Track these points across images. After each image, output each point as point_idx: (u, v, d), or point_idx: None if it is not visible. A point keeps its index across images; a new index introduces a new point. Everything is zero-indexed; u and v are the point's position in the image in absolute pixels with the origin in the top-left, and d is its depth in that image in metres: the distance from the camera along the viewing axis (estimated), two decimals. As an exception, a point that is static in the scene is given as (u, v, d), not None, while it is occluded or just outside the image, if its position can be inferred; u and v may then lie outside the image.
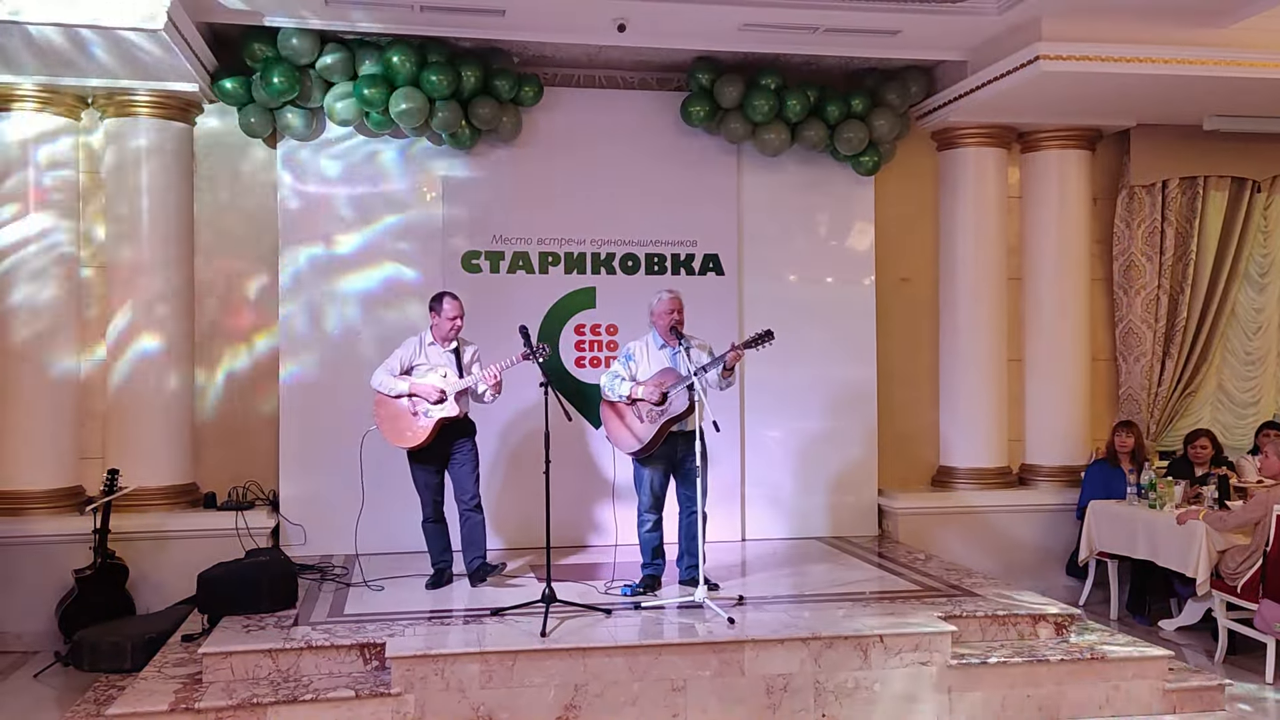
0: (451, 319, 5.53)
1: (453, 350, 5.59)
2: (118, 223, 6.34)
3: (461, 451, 5.62)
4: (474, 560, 5.63)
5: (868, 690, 4.70)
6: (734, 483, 7.06)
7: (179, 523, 6.23)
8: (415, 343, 5.66)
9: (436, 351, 5.59)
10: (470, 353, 5.64)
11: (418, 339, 5.68)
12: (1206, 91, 6.47)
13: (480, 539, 5.65)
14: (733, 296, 7.07)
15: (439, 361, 5.56)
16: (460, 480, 5.63)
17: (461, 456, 5.62)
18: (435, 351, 5.60)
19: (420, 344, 5.64)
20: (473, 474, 5.63)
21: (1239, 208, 7.59)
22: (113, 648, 5.26)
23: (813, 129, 6.87)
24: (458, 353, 5.60)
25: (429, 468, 5.63)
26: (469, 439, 5.66)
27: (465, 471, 5.62)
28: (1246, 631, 5.49)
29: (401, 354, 5.62)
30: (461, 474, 5.62)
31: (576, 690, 4.53)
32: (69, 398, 6.32)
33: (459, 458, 5.62)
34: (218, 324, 6.73)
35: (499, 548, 6.58)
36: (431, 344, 5.62)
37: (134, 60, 5.72)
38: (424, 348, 5.62)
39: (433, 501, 5.67)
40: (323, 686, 4.45)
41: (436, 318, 5.57)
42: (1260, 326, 7.75)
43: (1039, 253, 7.42)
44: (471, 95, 6.45)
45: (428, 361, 5.58)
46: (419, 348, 5.62)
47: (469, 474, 5.62)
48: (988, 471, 7.33)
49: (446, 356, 5.58)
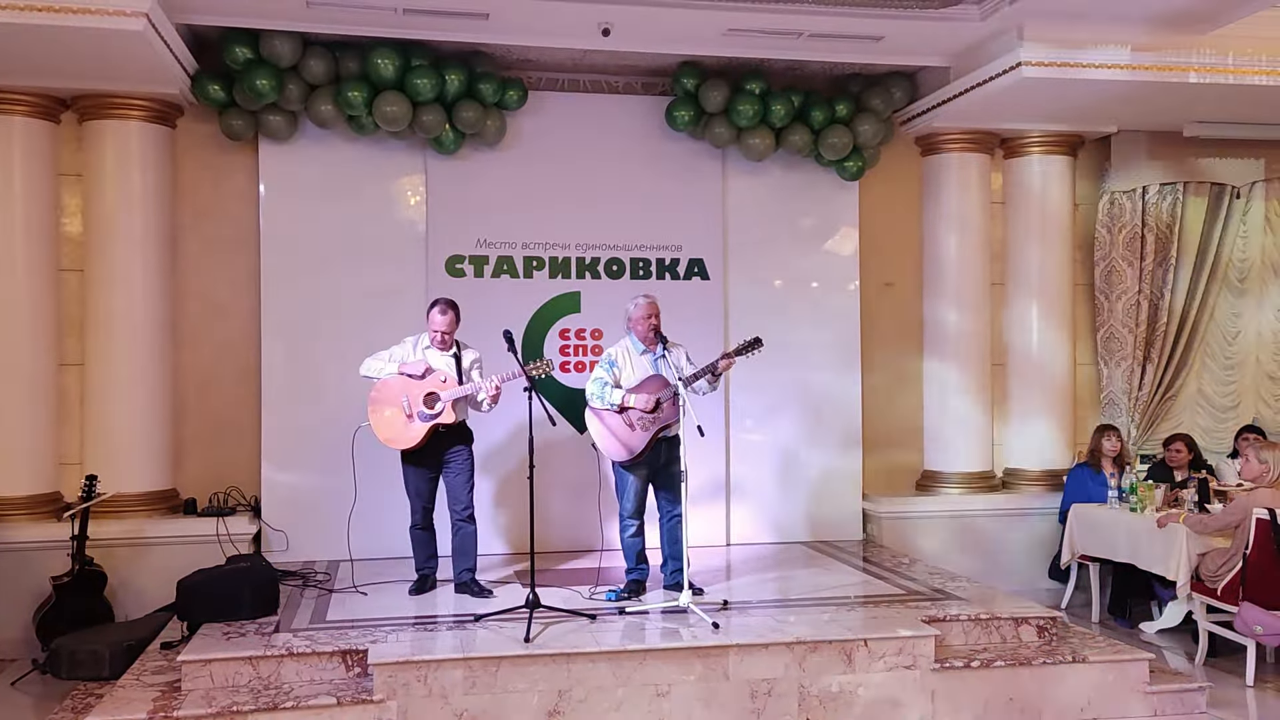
0: (435, 330, 5.45)
1: (452, 355, 5.50)
2: (97, 226, 6.28)
3: (457, 460, 5.52)
4: (463, 572, 5.55)
5: (851, 694, 4.70)
6: (719, 487, 7.06)
7: (158, 529, 6.17)
8: (412, 342, 5.56)
9: (435, 355, 5.49)
10: (470, 358, 5.54)
11: (414, 340, 5.57)
12: (1187, 98, 6.53)
13: (471, 550, 5.56)
14: (718, 301, 7.07)
15: (438, 365, 5.47)
16: (454, 489, 5.54)
17: (457, 465, 5.52)
18: (434, 355, 5.50)
19: (416, 345, 5.54)
20: (467, 483, 5.55)
21: (1218, 213, 7.66)
22: (91, 655, 5.19)
23: (797, 134, 6.89)
24: (457, 357, 5.50)
25: (422, 472, 5.54)
26: (465, 447, 5.56)
27: (460, 481, 5.53)
28: (1227, 634, 5.52)
29: (397, 351, 5.52)
30: (456, 483, 5.53)
31: (560, 696, 4.51)
32: (47, 403, 6.25)
33: (454, 466, 5.52)
34: (198, 328, 6.67)
35: (505, 552, 6.55)
36: (428, 347, 5.52)
37: (114, 62, 5.68)
38: (420, 350, 5.52)
39: (422, 508, 5.59)
40: (304, 694, 4.41)
41: (428, 323, 5.51)
42: (1239, 331, 7.82)
43: (1022, 257, 7.47)
44: (455, 99, 6.44)
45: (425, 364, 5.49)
46: (415, 349, 5.53)
47: (463, 483, 5.53)
48: (971, 475, 7.36)
49: (446, 360, 5.48)
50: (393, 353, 5.54)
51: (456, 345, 5.53)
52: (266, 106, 6.34)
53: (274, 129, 6.46)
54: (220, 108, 6.37)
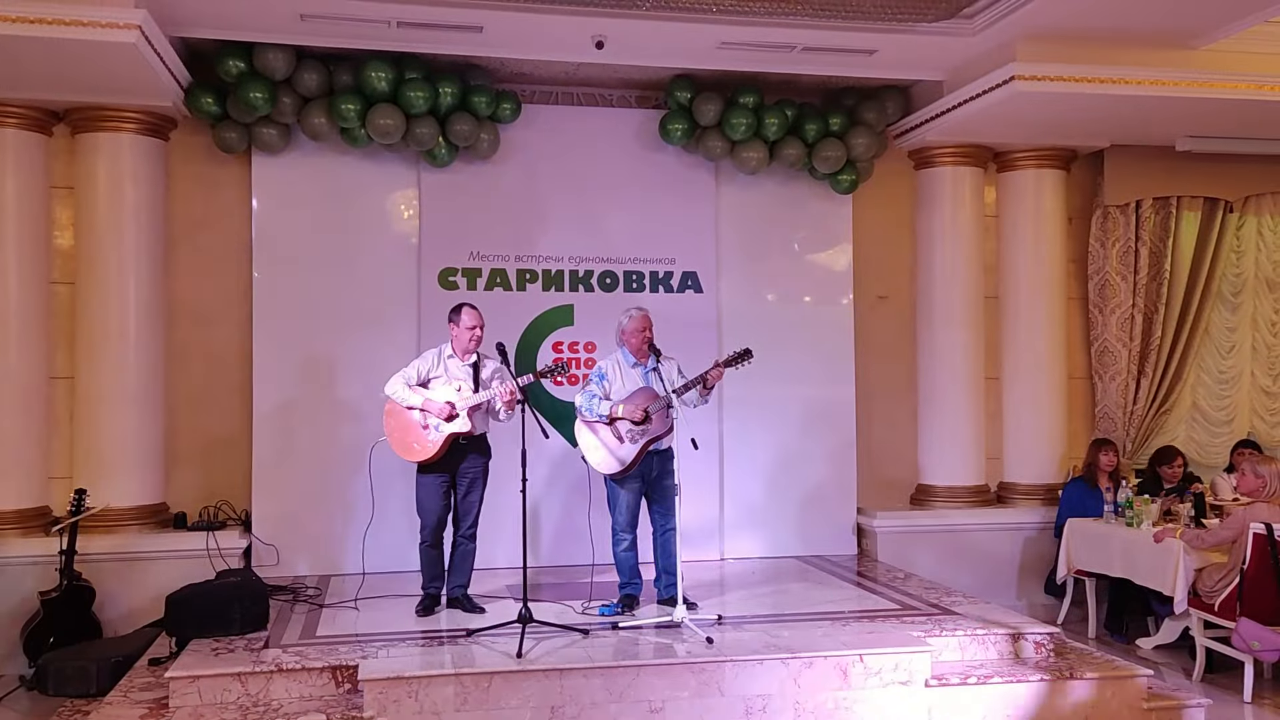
0: (470, 329, 5.38)
1: (471, 364, 5.44)
2: (89, 238, 6.25)
3: (471, 475, 5.45)
4: (456, 588, 5.50)
5: (847, 710, 4.66)
6: (712, 502, 7.02)
7: (148, 543, 6.11)
8: (434, 355, 5.49)
9: (456, 365, 5.43)
10: (490, 369, 5.48)
11: (437, 351, 5.50)
12: (1179, 113, 6.54)
13: (468, 568, 5.51)
14: (711, 314, 7.06)
15: (457, 375, 5.39)
16: (465, 509, 5.47)
17: (475, 478, 5.46)
18: (455, 365, 5.44)
19: (439, 356, 5.47)
20: (478, 504, 5.49)
21: (1212, 228, 7.67)
22: (78, 671, 5.13)
23: (791, 147, 6.89)
24: (476, 367, 5.44)
25: (438, 483, 5.42)
26: (484, 461, 5.49)
27: (472, 500, 5.47)
28: (1224, 650, 5.49)
29: (420, 365, 5.46)
30: (467, 503, 5.47)
31: (553, 712, 4.47)
32: (37, 415, 6.20)
33: (469, 481, 5.45)
34: (190, 341, 6.63)
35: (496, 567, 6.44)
36: (451, 356, 5.46)
37: (107, 75, 5.66)
38: (443, 360, 5.46)
39: (435, 524, 5.47)
40: (293, 710, 4.37)
41: (455, 329, 5.42)
42: (1233, 345, 7.82)
43: (1015, 271, 7.47)
44: (449, 112, 6.43)
45: (446, 375, 5.41)
46: (438, 360, 5.46)
47: (474, 503, 5.48)
48: (966, 490, 7.34)
49: (465, 370, 5.41)
50: (417, 369, 5.44)
51: (477, 355, 5.48)
52: (260, 119, 6.33)
53: (267, 141, 6.44)
54: (213, 120, 6.35)
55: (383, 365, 5.74)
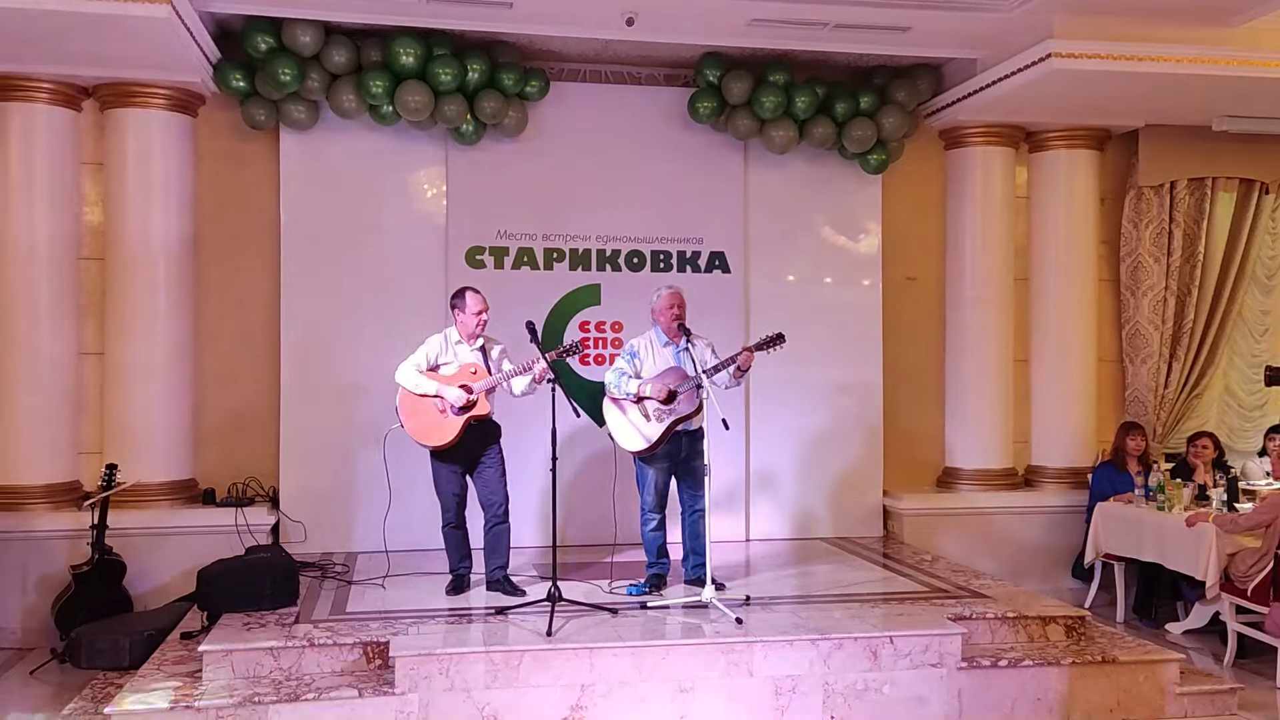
0: (477, 314, 5.33)
1: (479, 348, 5.40)
2: (118, 214, 6.26)
3: (489, 455, 5.41)
4: (496, 569, 5.42)
5: (877, 692, 4.65)
6: (739, 483, 7.01)
7: (178, 519, 6.17)
8: (441, 340, 5.44)
9: (465, 350, 5.40)
10: (498, 350, 5.45)
11: (443, 336, 5.45)
12: (1216, 91, 6.43)
13: (504, 549, 5.43)
14: (739, 294, 7.02)
15: (467, 359, 5.37)
16: (491, 485, 5.40)
17: (489, 460, 5.41)
18: (463, 349, 5.40)
19: (446, 341, 5.43)
20: (501, 480, 5.42)
21: (1247, 209, 7.57)
22: (111, 644, 5.19)
23: (821, 126, 6.82)
24: (484, 350, 5.41)
25: (454, 469, 5.40)
26: (496, 443, 5.44)
27: (494, 475, 5.40)
28: (1256, 635, 5.44)
29: (427, 350, 5.40)
30: (490, 478, 5.39)
31: (583, 690, 4.47)
32: (67, 392, 6.24)
33: (487, 461, 5.40)
34: (218, 317, 6.65)
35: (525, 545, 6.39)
36: (458, 342, 5.42)
37: (137, 50, 5.65)
38: (450, 345, 5.41)
39: (455, 506, 5.44)
40: (325, 685, 4.38)
41: (460, 314, 5.36)
42: (1267, 329, 7.72)
43: (1046, 253, 7.39)
44: (477, 89, 6.39)
45: (455, 360, 5.38)
46: (445, 345, 5.42)
47: (498, 478, 5.40)
48: (993, 473, 7.29)
49: (475, 354, 5.38)
50: (426, 354, 5.39)
51: (482, 338, 5.45)
52: (288, 96, 6.31)
53: (295, 118, 6.43)
54: (242, 97, 6.34)
55: (410, 343, 5.67)
